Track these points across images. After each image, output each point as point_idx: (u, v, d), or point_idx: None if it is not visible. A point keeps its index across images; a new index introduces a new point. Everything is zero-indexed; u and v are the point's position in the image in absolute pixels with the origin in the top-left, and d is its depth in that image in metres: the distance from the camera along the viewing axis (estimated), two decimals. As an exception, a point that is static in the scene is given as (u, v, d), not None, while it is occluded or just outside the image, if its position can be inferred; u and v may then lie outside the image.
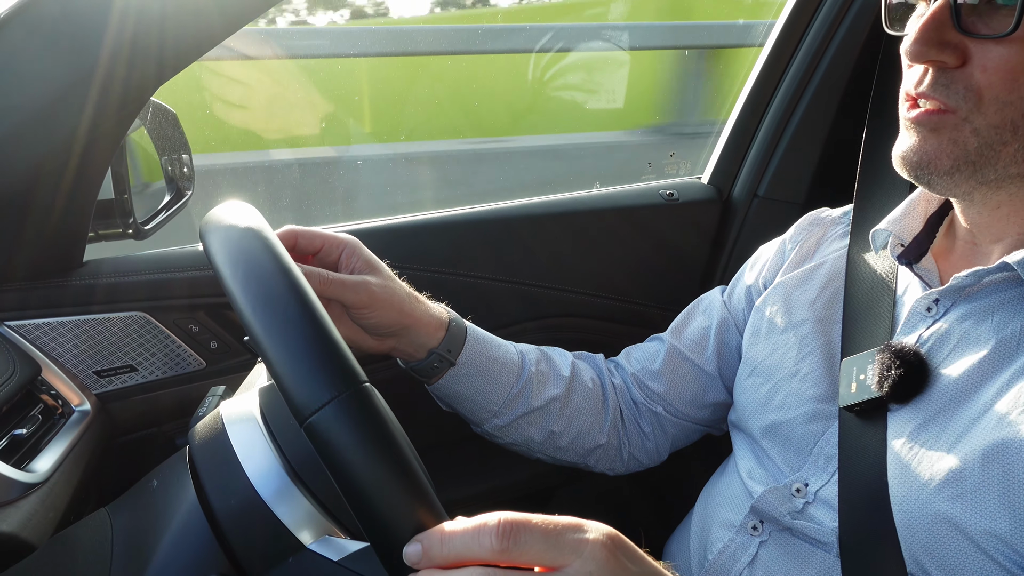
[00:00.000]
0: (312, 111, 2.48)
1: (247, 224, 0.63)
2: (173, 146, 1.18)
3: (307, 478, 0.65)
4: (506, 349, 1.04)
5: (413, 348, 0.96)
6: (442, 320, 0.98)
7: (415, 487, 0.52)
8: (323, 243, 0.92)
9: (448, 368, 0.99)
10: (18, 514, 0.79)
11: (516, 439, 1.07)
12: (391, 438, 0.52)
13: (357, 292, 0.88)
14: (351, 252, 0.92)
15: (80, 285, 1.06)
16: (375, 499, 0.51)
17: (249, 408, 0.69)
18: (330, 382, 0.52)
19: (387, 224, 1.31)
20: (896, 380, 0.79)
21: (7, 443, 0.86)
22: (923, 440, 0.76)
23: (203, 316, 1.15)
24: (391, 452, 0.52)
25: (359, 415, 0.52)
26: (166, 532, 0.64)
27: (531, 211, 1.42)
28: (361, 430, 0.52)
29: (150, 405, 1.15)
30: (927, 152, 0.76)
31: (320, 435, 0.52)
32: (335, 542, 0.64)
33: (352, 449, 0.51)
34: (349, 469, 0.51)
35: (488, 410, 1.03)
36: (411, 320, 0.94)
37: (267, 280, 0.58)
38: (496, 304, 1.40)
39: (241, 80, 2.30)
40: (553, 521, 0.50)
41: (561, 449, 1.09)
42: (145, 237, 1.13)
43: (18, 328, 1.01)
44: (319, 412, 0.52)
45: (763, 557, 0.89)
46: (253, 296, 0.57)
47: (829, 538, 0.83)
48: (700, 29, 3.18)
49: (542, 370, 1.06)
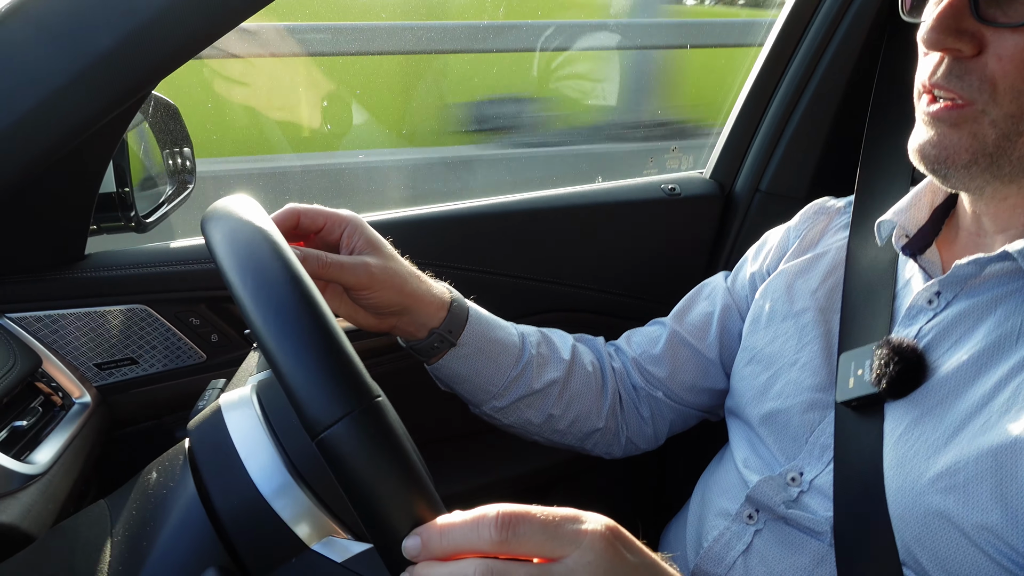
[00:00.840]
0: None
1: (251, 223, 0.63)
2: (175, 140, 1.18)
3: (307, 473, 0.65)
4: (507, 331, 1.04)
5: (414, 327, 0.96)
6: (444, 300, 0.97)
7: (415, 481, 0.52)
8: (325, 221, 0.91)
9: (448, 348, 0.99)
10: (18, 505, 0.79)
11: (514, 421, 1.07)
12: (402, 451, 0.53)
13: (356, 273, 0.88)
14: (353, 230, 0.91)
15: (82, 278, 1.06)
16: (374, 494, 0.52)
17: (248, 401, 0.69)
18: (343, 398, 0.52)
19: (388, 218, 1.31)
20: (893, 376, 0.79)
21: (7, 434, 0.86)
22: (919, 433, 0.76)
23: (204, 309, 1.16)
24: (399, 462, 0.52)
25: (372, 431, 0.52)
26: (165, 524, 0.64)
27: (533, 205, 1.42)
28: (373, 447, 0.52)
29: (150, 398, 1.15)
30: (946, 147, 0.75)
31: (332, 450, 0.52)
32: (338, 543, 0.64)
33: (364, 465, 0.51)
34: (362, 484, 0.51)
35: (487, 391, 1.03)
36: (412, 300, 0.93)
37: (278, 291, 0.57)
38: (497, 298, 1.40)
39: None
40: (551, 512, 0.51)
41: (559, 432, 1.09)
42: (147, 230, 1.13)
43: (19, 320, 1.01)
44: (332, 428, 0.52)
45: (758, 545, 0.89)
46: (264, 307, 0.56)
47: (823, 527, 0.83)
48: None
49: (542, 353, 1.06)
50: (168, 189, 1.20)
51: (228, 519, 0.63)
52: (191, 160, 1.21)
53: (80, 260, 1.08)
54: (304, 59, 2.10)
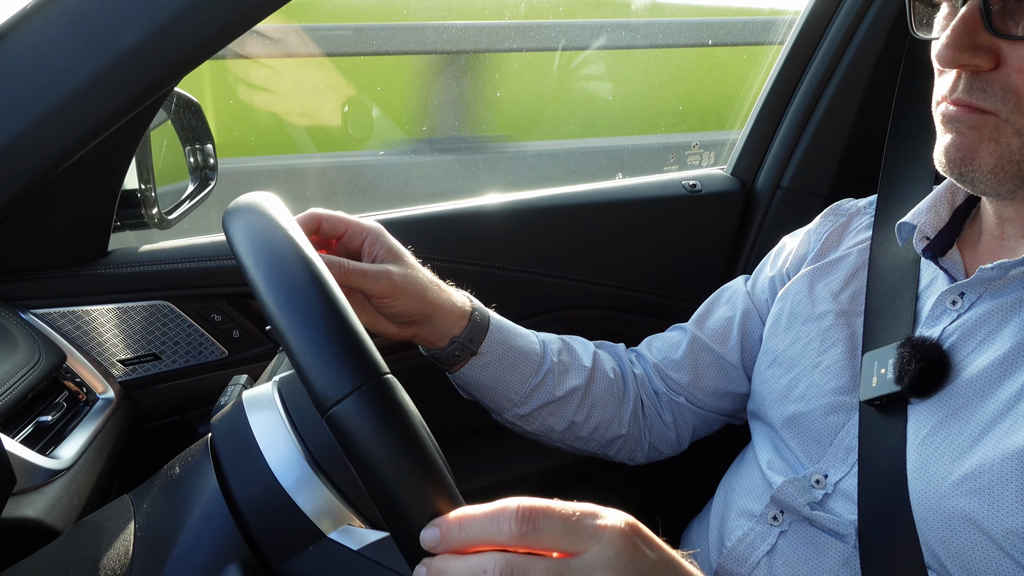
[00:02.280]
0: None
1: (270, 214, 0.63)
2: (197, 136, 1.19)
3: (327, 467, 0.65)
4: (528, 339, 1.04)
5: (435, 336, 0.96)
6: (465, 309, 0.97)
7: (433, 473, 0.52)
8: (346, 228, 0.92)
9: (470, 357, 0.99)
10: (43, 500, 0.80)
11: (537, 428, 1.07)
12: (412, 429, 0.52)
13: (378, 281, 0.88)
14: (374, 239, 0.92)
15: (105, 274, 1.07)
16: (393, 485, 0.51)
17: (270, 397, 0.69)
18: (352, 373, 0.52)
19: (410, 215, 1.31)
20: (916, 374, 0.79)
21: (32, 430, 0.87)
22: (943, 435, 0.76)
23: (225, 305, 1.16)
24: (411, 441, 0.52)
25: (380, 406, 0.52)
26: (188, 519, 0.64)
27: (554, 202, 1.42)
28: (382, 421, 0.52)
29: (173, 393, 1.16)
30: (968, 148, 0.74)
31: (341, 426, 0.52)
32: (355, 531, 0.64)
33: (373, 440, 0.51)
34: (370, 460, 0.51)
35: (509, 399, 1.03)
36: (433, 309, 0.93)
37: (289, 270, 0.58)
38: (518, 294, 1.40)
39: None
40: (571, 507, 0.51)
41: (581, 439, 1.09)
42: (169, 227, 1.13)
43: (44, 316, 1.02)
44: (340, 403, 0.52)
45: (782, 547, 0.88)
46: (275, 286, 0.57)
47: (847, 530, 0.83)
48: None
49: (563, 360, 1.06)
50: (190, 186, 1.21)
51: (250, 514, 0.64)
52: (213, 157, 1.21)
53: (103, 256, 1.08)
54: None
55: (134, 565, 0.63)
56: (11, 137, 0.81)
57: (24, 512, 0.77)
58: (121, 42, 0.79)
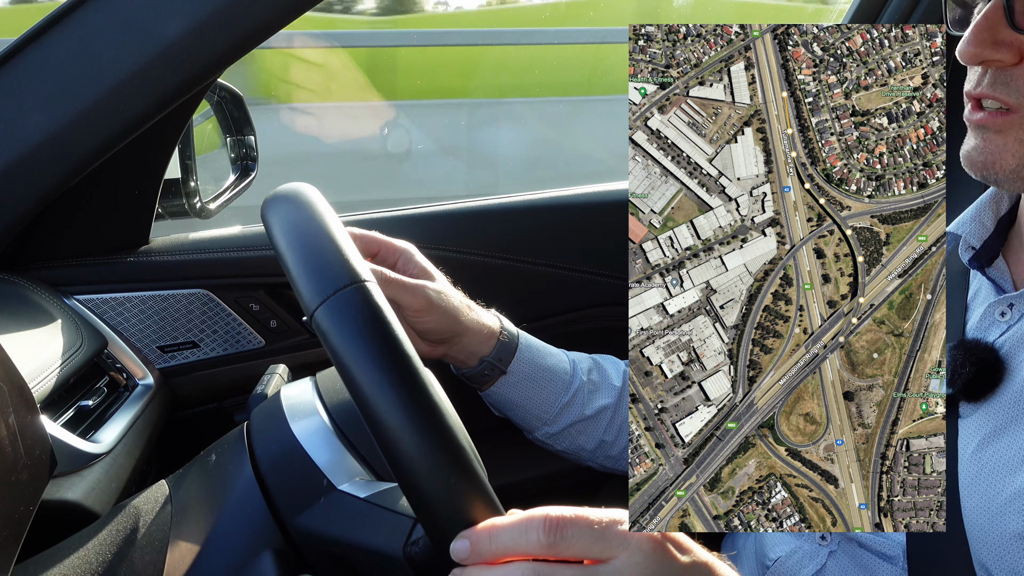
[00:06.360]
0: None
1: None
2: (239, 127, 1.20)
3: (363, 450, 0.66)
4: (558, 358, 1.04)
5: (465, 355, 0.97)
6: (493, 330, 0.98)
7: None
8: (379, 248, 0.93)
9: (499, 376, 0.99)
10: (83, 483, 0.81)
11: (567, 447, 1.06)
12: (389, 336, 0.53)
13: (415, 295, 0.89)
14: (407, 259, 0.94)
15: (146, 262, 1.08)
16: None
17: (308, 390, 0.70)
18: (334, 277, 0.54)
19: (434, 211, 1.31)
20: (969, 377, 0.77)
21: (74, 414, 0.89)
22: (995, 449, 0.74)
23: (264, 295, 1.17)
24: (390, 354, 0.52)
25: (356, 311, 0.53)
26: (223, 506, 0.65)
27: (583, 200, 1.42)
28: (357, 326, 0.53)
29: (210, 381, 1.17)
30: (991, 152, 0.73)
31: (320, 331, 0.53)
32: (363, 483, 0.65)
33: (347, 345, 0.52)
34: (346, 365, 0.52)
35: (539, 418, 1.03)
36: (463, 328, 0.94)
37: (299, 211, 0.61)
38: (551, 292, 1.39)
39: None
40: (599, 514, 0.50)
41: (612, 458, 1.08)
42: (209, 216, 1.15)
43: (87, 302, 1.04)
44: (319, 308, 0.53)
45: (831, 568, 0.87)
46: (282, 219, 0.61)
47: (895, 551, 0.81)
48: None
49: (593, 379, 1.05)
50: (231, 176, 1.22)
51: (286, 505, 0.64)
52: (254, 147, 1.22)
53: (144, 245, 1.10)
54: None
55: (170, 549, 0.63)
56: (57, 127, 0.83)
57: (64, 495, 0.78)
58: (166, 35, 0.80)
